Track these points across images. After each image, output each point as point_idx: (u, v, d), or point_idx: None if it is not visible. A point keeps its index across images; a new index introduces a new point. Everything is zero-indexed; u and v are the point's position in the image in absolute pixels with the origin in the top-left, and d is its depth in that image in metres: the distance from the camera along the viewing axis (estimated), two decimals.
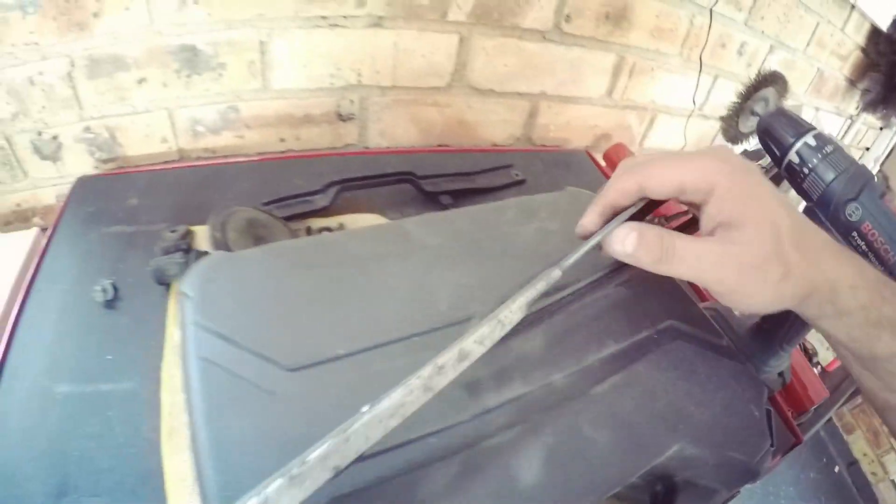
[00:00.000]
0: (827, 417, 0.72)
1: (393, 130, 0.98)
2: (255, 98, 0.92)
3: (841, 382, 0.76)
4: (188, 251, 0.70)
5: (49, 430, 0.57)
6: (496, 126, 1.01)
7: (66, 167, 0.97)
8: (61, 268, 0.74)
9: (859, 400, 1.68)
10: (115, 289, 0.70)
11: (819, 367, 0.95)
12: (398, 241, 0.52)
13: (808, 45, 1.20)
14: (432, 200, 0.82)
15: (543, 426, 0.39)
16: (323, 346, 0.42)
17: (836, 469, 1.67)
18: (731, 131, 0.73)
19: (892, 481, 1.64)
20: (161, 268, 0.69)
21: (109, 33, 0.83)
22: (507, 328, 0.38)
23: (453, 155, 0.94)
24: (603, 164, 0.98)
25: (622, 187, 0.41)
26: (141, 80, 0.89)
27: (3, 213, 1.03)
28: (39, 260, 0.75)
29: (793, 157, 0.52)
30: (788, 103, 0.84)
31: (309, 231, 0.75)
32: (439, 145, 1.00)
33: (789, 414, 0.69)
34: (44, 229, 0.89)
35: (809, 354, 0.96)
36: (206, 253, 0.69)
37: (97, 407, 0.59)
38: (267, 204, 0.74)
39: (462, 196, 0.83)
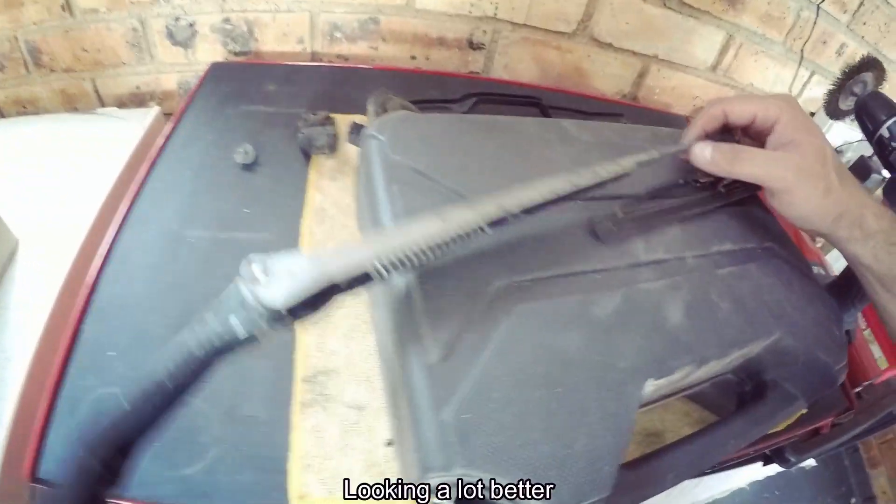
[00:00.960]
0: (861, 428, 0.77)
1: (516, 65, 1.05)
2: (397, 14, 0.98)
3: (884, 396, 0.82)
4: (331, 129, 0.77)
5: (176, 268, 0.61)
6: (608, 79, 1.07)
7: (196, 55, 1.04)
8: (198, 134, 0.79)
9: (890, 434, 1.69)
10: (256, 153, 0.75)
11: None
12: (558, 131, 0.60)
13: None
14: None
15: (682, 284, 0.48)
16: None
17: (853, 501, 1.70)
18: (832, 106, 0.80)
19: None
20: (311, 136, 0.76)
21: None
22: (619, 171, 0.48)
23: (568, 96, 1.00)
24: None
25: (712, 113, 0.53)
26: None
27: (120, 93, 1.10)
28: (174, 126, 0.80)
29: (884, 132, 0.60)
30: None
31: None
32: (554, 86, 1.06)
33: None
34: (167, 115, 0.96)
35: None
36: (360, 125, 0.75)
37: (231, 251, 0.64)
38: (413, 103, 0.79)
39: None
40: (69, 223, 0.73)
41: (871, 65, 0.77)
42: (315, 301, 0.30)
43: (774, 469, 0.86)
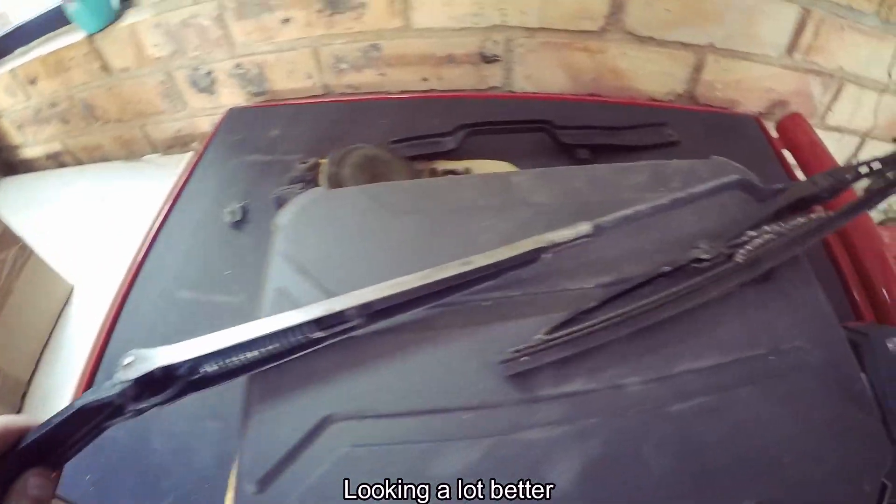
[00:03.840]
0: None
1: (540, 74, 0.94)
2: (397, 37, 0.94)
3: None
4: (312, 183, 0.74)
5: (166, 329, 0.66)
6: (655, 78, 0.91)
7: (221, 99, 1.12)
8: (202, 189, 0.83)
9: None
10: (245, 212, 0.78)
11: None
12: (500, 194, 0.50)
13: None
14: (568, 153, 0.77)
15: (594, 433, 0.35)
16: None
17: None
18: None
19: None
20: (283, 197, 0.73)
21: None
22: (508, 255, 0.40)
23: (604, 106, 0.88)
24: (775, 135, 0.85)
25: None
26: (285, 20, 0.96)
27: (165, 137, 1.23)
28: (184, 182, 0.85)
29: None
30: None
31: (433, 173, 0.74)
32: (590, 95, 0.94)
33: None
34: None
35: None
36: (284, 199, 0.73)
37: (209, 315, 0.66)
38: (396, 142, 0.75)
39: (603, 152, 0.77)
40: (114, 268, 0.80)
41: None
42: (153, 383, 0.37)
43: None
